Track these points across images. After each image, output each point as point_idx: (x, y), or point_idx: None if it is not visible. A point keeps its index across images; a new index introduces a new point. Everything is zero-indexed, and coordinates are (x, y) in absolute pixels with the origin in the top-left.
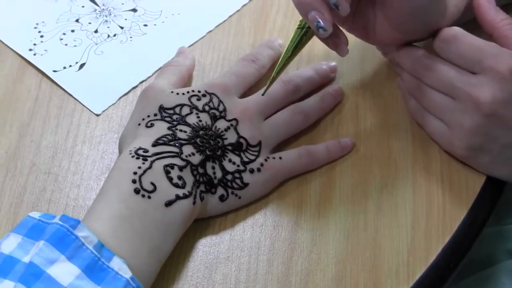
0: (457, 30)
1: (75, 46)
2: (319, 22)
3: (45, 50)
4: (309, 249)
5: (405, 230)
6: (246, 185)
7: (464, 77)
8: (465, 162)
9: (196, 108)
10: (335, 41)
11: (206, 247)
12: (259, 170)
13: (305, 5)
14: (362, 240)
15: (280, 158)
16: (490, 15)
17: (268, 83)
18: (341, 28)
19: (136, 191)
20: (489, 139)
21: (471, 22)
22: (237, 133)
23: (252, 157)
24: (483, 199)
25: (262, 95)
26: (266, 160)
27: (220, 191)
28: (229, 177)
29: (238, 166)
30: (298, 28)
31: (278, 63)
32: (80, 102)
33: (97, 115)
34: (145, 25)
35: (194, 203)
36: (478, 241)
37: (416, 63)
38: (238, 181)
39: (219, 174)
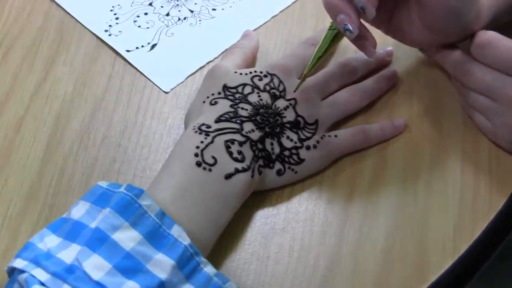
0: (491, 34)
1: (147, 28)
2: (346, 24)
3: (120, 31)
4: (360, 222)
5: (452, 207)
6: (302, 160)
7: (500, 79)
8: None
9: (258, 87)
10: (363, 43)
11: (263, 218)
12: (315, 146)
13: (334, 8)
14: (411, 215)
15: (336, 136)
16: None
17: (300, 81)
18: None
19: (198, 164)
20: None
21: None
22: (296, 112)
23: (309, 135)
24: None
25: (294, 91)
26: (322, 137)
27: (278, 165)
28: (287, 152)
29: (295, 142)
30: (329, 29)
31: (310, 61)
32: (150, 80)
33: (166, 92)
34: (214, 9)
35: (252, 176)
36: None
37: (455, 67)
38: (295, 156)
39: (277, 149)
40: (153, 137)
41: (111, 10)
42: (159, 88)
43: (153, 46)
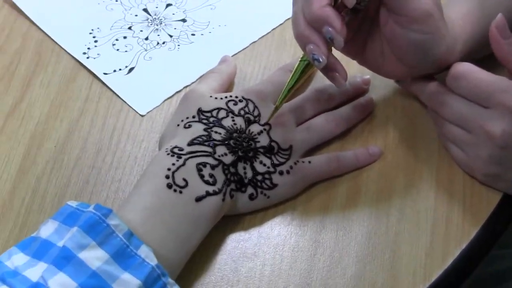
0: (466, 66)
1: (126, 51)
2: (315, 54)
3: (98, 54)
4: (331, 248)
5: (425, 234)
6: (275, 185)
7: (476, 111)
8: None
9: (232, 112)
10: (333, 75)
11: (235, 242)
12: (288, 172)
13: (304, 38)
14: (382, 242)
15: (310, 162)
16: (503, 49)
17: (272, 112)
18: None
19: (169, 186)
20: (504, 168)
21: None
22: (270, 137)
23: (283, 160)
24: (501, 211)
25: (266, 123)
26: (295, 163)
27: (250, 190)
28: (259, 177)
29: (268, 167)
30: (301, 60)
31: (282, 92)
32: (126, 103)
33: (142, 115)
34: (193, 35)
35: (223, 199)
36: (495, 257)
37: (431, 98)
38: (267, 181)
39: (249, 174)
40: (127, 160)
41: (90, 33)
42: (135, 111)
43: (131, 69)
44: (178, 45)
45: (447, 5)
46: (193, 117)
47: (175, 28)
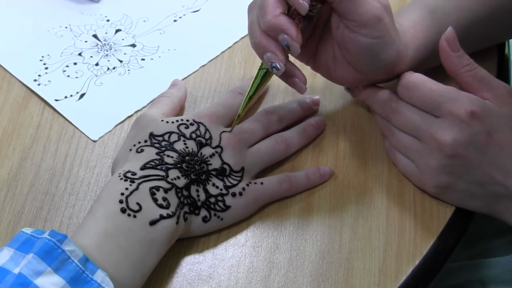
0: (416, 76)
1: (76, 77)
2: (273, 62)
3: (49, 81)
4: (286, 269)
5: (378, 252)
6: (228, 207)
7: (427, 120)
8: (436, 197)
9: (184, 135)
10: (293, 80)
11: (189, 265)
12: (240, 194)
13: (261, 47)
14: (336, 261)
15: (262, 183)
16: (452, 62)
17: (235, 120)
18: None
19: (123, 211)
20: (455, 178)
21: None
22: (221, 160)
23: (235, 182)
24: (452, 225)
25: (230, 131)
26: (247, 185)
27: (203, 212)
28: (212, 199)
29: (221, 190)
30: (259, 69)
31: (243, 101)
32: (78, 129)
33: (94, 141)
34: (143, 59)
35: (177, 223)
36: (449, 271)
37: (383, 106)
38: (220, 203)
39: (202, 196)
40: (80, 185)
41: (41, 60)
42: (87, 136)
43: (82, 95)
44: (128, 70)
45: (398, 14)
46: (145, 141)
47: (124, 53)
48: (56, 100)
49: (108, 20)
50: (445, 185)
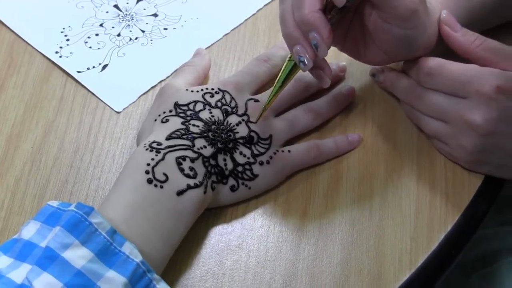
0: (435, 61)
1: (98, 48)
2: (301, 56)
3: (71, 53)
4: (315, 237)
5: (409, 219)
6: (256, 176)
7: (453, 102)
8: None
9: (209, 104)
10: (318, 73)
11: (218, 235)
12: (268, 162)
13: (292, 39)
14: (366, 229)
15: (289, 151)
16: (459, 42)
17: (260, 111)
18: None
19: (149, 181)
20: (488, 153)
21: None
22: (248, 127)
23: (262, 150)
24: (484, 191)
25: (255, 122)
26: (275, 153)
27: (231, 181)
28: (240, 168)
29: (248, 158)
30: (288, 60)
31: (270, 92)
32: (102, 101)
33: (118, 112)
34: (165, 29)
35: (205, 192)
36: (481, 239)
37: (407, 92)
38: (248, 172)
39: (230, 165)
40: (105, 157)
41: (62, 32)
42: (111, 108)
43: (105, 66)
44: (151, 40)
45: None
46: (170, 111)
47: (147, 23)
48: (79, 72)
49: None
50: (478, 161)
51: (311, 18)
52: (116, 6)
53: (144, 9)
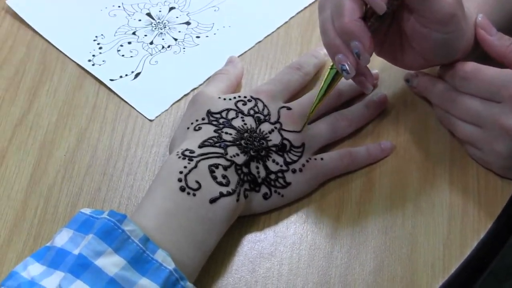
0: (471, 66)
1: (131, 56)
2: (344, 65)
3: (103, 61)
4: (348, 245)
5: (441, 227)
6: (288, 184)
7: (488, 106)
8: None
9: (242, 112)
10: (360, 79)
11: (251, 243)
12: (301, 170)
13: (333, 47)
14: (399, 236)
15: (322, 159)
16: (494, 46)
17: (306, 120)
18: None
19: (182, 189)
20: None
21: None
22: (281, 135)
23: (295, 158)
24: None
25: (300, 131)
26: (308, 160)
27: (264, 189)
28: (272, 176)
29: (281, 166)
30: (330, 69)
31: (314, 101)
32: (135, 109)
33: (151, 120)
34: (198, 37)
35: (237, 200)
36: None
37: (441, 97)
38: (281, 180)
39: (262, 173)
40: (138, 165)
41: (94, 40)
42: (144, 116)
43: (137, 74)
44: (184, 48)
45: None
46: (203, 119)
47: (179, 31)
48: (111, 80)
49: None
50: (511, 166)
51: (352, 27)
52: (148, 14)
53: (177, 17)
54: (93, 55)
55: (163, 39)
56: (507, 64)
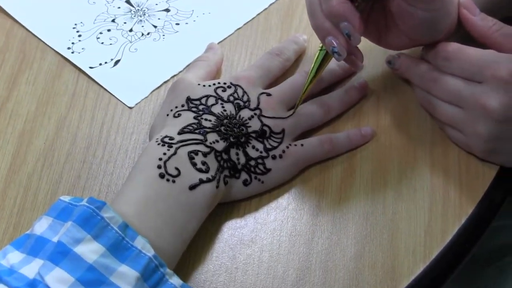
0: (453, 45)
1: (110, 44)
2: (335, 47)
3: (83, 49)
4: (329, 231)
5: (423, 212)
6: (268, 170)
7: (470, 87)
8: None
9: (221, 98)
10: (351, 59)
11: (231, 230)
12: (281, 156)
13: (323, 30)
14: (380, 222)
15: (302, 145)
16: (477, 25)
17: (297, 102)
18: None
19: (161, 176)
20: (504, 141)
21: None
22: (261, 121)
23: (275, 144)
24: (498, 183)
25: (292, 115)
26: (288, 147)
27: (244, 176)
28: (252, 162)
29: (261, 152)
30: (319, 50)
31: (305, 83)
32: (114, 96)
33: (130, 108)
34: (177, 24)
35: (217, 186)
36: (496, 231)
37: (423, 77)
38: (261, 166)
39: (242, 160)
40: (118, 153)
41: (74, 28)
42: (123, 103)
43: (117, 62)
44: (163, 35)
45: None
46: (182, 106)
47: (159, 19)
48: (91, 67)
49: None
50: (494, 150)
51: (340, 9)
52: (128, 2)
53: (156, 4)
54: (73, 43)
55: (142, 26)
56: (489, 45)
